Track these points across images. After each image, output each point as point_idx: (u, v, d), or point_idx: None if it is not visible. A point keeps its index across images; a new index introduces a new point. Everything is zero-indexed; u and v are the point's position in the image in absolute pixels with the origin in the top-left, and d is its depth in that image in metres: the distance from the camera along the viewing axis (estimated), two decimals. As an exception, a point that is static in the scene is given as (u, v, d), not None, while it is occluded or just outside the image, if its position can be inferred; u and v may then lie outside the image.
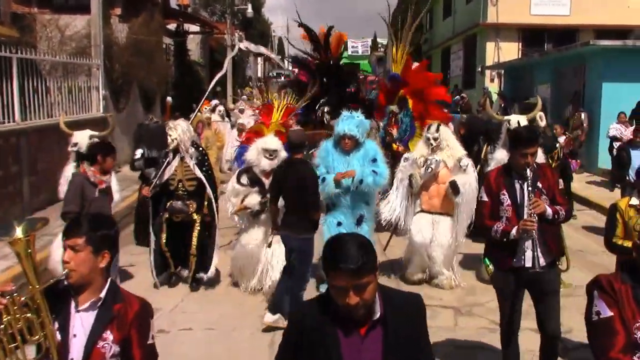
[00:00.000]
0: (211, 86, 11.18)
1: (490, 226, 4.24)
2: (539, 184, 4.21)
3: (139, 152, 8.83)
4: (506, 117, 7.15)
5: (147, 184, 7.13)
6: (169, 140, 6.85)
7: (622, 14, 22.20)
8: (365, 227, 6.71)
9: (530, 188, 4.11)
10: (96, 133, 7.22)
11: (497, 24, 23.50)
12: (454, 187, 6.84)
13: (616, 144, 12.49)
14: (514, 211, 4.19)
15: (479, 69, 24.67)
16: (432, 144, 7.03)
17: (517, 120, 6.89)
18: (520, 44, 23.83)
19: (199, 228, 6.93)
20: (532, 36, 23.58)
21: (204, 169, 6.98)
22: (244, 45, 27.57)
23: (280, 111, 7.69)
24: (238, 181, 6.69)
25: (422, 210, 7.15)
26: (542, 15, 23.11)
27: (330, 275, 2.11)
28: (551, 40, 23.26)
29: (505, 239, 4.17)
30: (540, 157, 6.51)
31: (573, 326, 5.45)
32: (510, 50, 23.36)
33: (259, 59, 53.35)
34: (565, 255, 5.89)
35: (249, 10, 32.67)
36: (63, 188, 6.49)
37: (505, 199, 4.23)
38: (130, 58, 16.19)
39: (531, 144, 4.17)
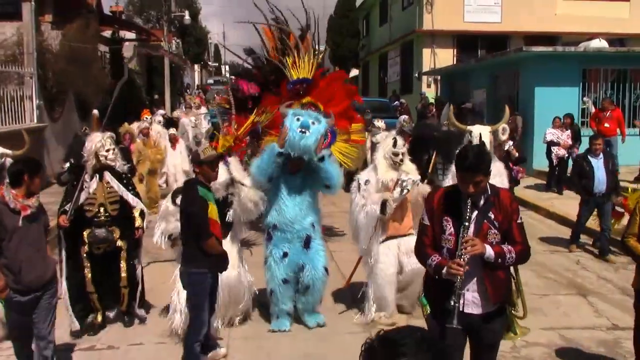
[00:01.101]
0: (115, 93, 10.17)
1: (428, 256, 3.56)
2: (491, 214, 3.52)
3: (67, 165, 8.04)
4: (468, 127, 6.53)
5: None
6: (89, 156, 5.88)
7: (550, 21, 23.13)
8: (316, 246, 5.99)
9: (468, 220, 3.44)
10: (9, 152, 6.18)
11: (432, 30, 24.06)
12: (401, 183, 6.07)
13: (555, 149, 13.01)
14: (457, 242, 3.46)
15: (416, 75, 25.16)
16: (398, 161, 6.12)
17: (479, 132, 6.35)
18: (455, 50, 24.47)
19: (125, 255, 6.00)
20: (466, 42, 24.25)
21: (130, 187, 6.09)
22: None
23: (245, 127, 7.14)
24: (173, 202, 5.64)
25: (387, 238, 6.17)
26: (475, 23, 23.82)
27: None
28: (484, 47, 23.99)
29: (437, 276, 3.49)
30: (501, 178, 6.12)
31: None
32: (445, 56, 23.94)
33: (196, 66, 52.76)
34: (521, 300, 4.58)
35: (187, 17, 32.24)
36: None
37: (448, 226, 3.53)
38: (65, 66, 15.70)
39: (475, 171, 3.41)
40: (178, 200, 5.34)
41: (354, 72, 39.96)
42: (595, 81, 15.97)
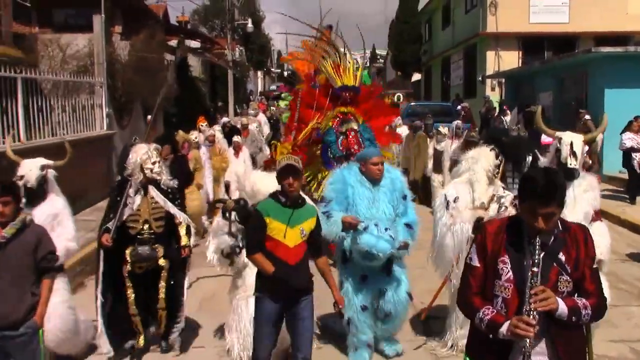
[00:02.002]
0: (160, 97, 9.72)
1: (477, 308, 2.80)
2: (561, 256, 2.76)
3: (118, 179, 7.50)
4: (558, 134, 5.48)
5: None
6: (135, 169, 5.46)
7: (621, 21, 22.28)
8: (397, 269, 5.31)
9: (537, 265, 2.66)
10: (50, 162, 5.47)
11: (496, 33, 23.58)
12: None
13: (636, 155, 11.93)
14: (516, 291, 2.73)
15: (480, 78, 24.71)
16: (493, 175, 5.41)
17: (571, 140, 5.19)
18: (520, 52, 23.90)
19: (166, 275, 5.52)
20: (531, 44, 23.64)
21: (176, 203, 5.63)
22: None
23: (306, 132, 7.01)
24: (223, 215, 5.14)
25: None
26: (541, 24, 23.20)
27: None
28: (551, 48, 23.33)
29: (491, 335, 2.73)
30: (594, 193, 5.17)
31: None
32: (510, 59, 23.42)
33: (259, 72, 53.56)
34: None
35: (249, 25, 32.79)
36: None
37: (506, 269, 2.77)
38: (133, 75, 16.23)
39: (549, 201, 2.64)
40: (227, 214, 5.06)
41: (417, 76, 39.66)
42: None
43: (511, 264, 2.76)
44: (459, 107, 22.50)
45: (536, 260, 2.66)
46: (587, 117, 13.16)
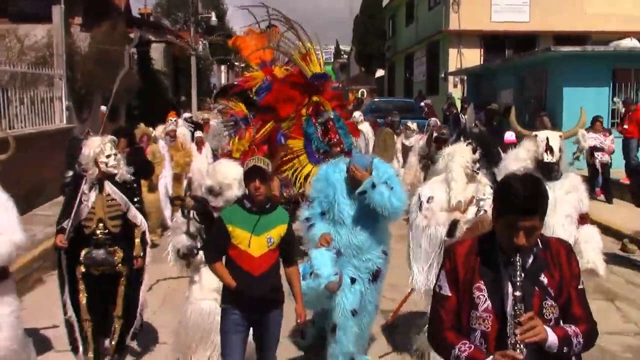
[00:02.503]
0: (115, 87, 9.22)
1: (451, 344, 2.39)
2: (543, 278, 2.39)
3: (70, 174, 6.77)
4: (534, 133, 5.27)
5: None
6: (88, 164, 4.96)
7: (580, 20, 22.78)
8: (381, 280, 4.87)
9: (519, 288, 2.28)
10: None
11: (459, 30, 23.87)
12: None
13: (598, 154, 12.27)
14: (497, 321, 2.36)
15: (442, 75, 24.99)
16: (472, 172, 4.96)
17: (546, 136, 5.04)
18: (482, 50, 24.24)
19: (125, 283, 5.06)
20: (493, 42, 24.01)
21: (135, 200, 5.15)
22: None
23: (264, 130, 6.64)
24: (182, 213, 4.78)
25: None
26: (503, 22, 23.57)
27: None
28: (512, 47, 23.73)
29: None
30: (578, 194, 4.96)
31: None
32: (472, 57, 23.74)
33: (222, 67, 53.10)
34: None
35: (213, 18, 32.45)
36: None
37: (483, 297, 2.38)
38: (93, 68, 15.93)
39: (530, 212, 2.30)
40: (186, 212, 4.71)
41: (380, 72, 39.89)
42: (626, 81, 15.66)
43: (488, 290, 2.37)
44: (422, 103, 22.73)
45: (518, 283, 2.27)
46: (544, 114, 13.56)
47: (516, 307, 2.25)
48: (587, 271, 4.62)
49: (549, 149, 4.95)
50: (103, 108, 14.88)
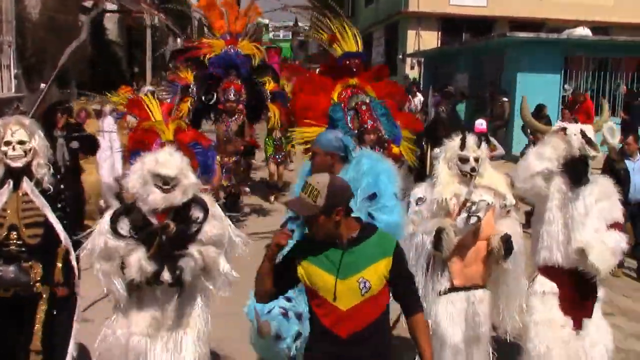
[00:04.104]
0: (63, 60, 8.64)
1: None
2: None
3: None
4: (561, 125, 4.38)
5: None
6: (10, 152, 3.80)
7: (536, 7, 23.16)
8: None
9: None
10: None
11: (418, 12, 23.98)
12: (507, 246, 3.99)
13: None
14: None
15: (400, 56, 25.12)
16: (471, 172, 4.13)
17: (580, 128, 4.19)
18: (440, 33, 24.45)
19: (45, 307, 3.90)
20: (451, 26, 24.21)
21: (59, 205, 4.01)
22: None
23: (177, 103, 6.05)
24: (114, 230, 3.59)
25: (452, 288, 4.14)
26: (461, 6, 23.78)
27: None
28: (469, 31, 23.99)
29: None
30: (610, 203, 4.13)
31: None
32: (430, 39, 23.91)
33: (179, 39, 52.12)
34: None
35: (170, -12, 31.71)
36: None
37: None
38: (44, 35, 15.44)
39: None
40: (122, 227, 3.61)
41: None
42: (577, 69, 16.08)
43: None
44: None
45: None
46: (505, 99, 13.77)
47: None
48: (578, 250, 3.98)
49: (588, 141, 4.08)
50: (43, 85, 14.13)
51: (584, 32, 16.51)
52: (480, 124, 9.08)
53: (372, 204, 3.65)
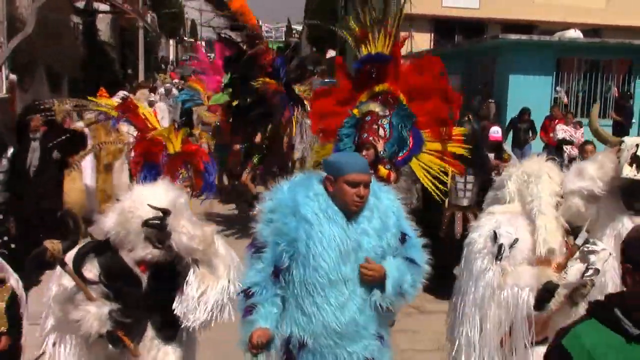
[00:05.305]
0: (7, 52, 7.34)
1: None
2: None
3: None
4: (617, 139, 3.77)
5: None
6: None
7: (528, 9, 23.25)
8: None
9: None
10: None
11: (410, 14, 23.93)
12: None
13: (567, 148, 11.94)
14: None
15: (393, 58, 25.15)
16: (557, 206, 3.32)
17: (637, 143, 3.46)
18: (432, 34, 24.50)
19: None
20: (443, 28, 24.28)
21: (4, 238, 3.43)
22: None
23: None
24: (77, 271, 2.86)
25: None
26: (453, 8, 23.85)
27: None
28: (462, 32, 24.06)
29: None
30: None
31: None
32: (423, 41, 23.94)
33: (171, 41, 52.08)
34: None
35: (162, -10, 31.73)
36: None
37: None
38: (36, 36, 15.35)
39: None
40: (89, 270, 2.92)
41: (331, 53, 39.85)
42: (569, 71, 16.17)
43: None
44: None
45: None
46: (491, 101, 13.87)
47: None
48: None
49: (635, 160, 3.40)
50: (13, 76, 13.34)
51: (575, 34, 16.61)
52: (496, 131, 8.09)
53: (404, 247, 2.91)
